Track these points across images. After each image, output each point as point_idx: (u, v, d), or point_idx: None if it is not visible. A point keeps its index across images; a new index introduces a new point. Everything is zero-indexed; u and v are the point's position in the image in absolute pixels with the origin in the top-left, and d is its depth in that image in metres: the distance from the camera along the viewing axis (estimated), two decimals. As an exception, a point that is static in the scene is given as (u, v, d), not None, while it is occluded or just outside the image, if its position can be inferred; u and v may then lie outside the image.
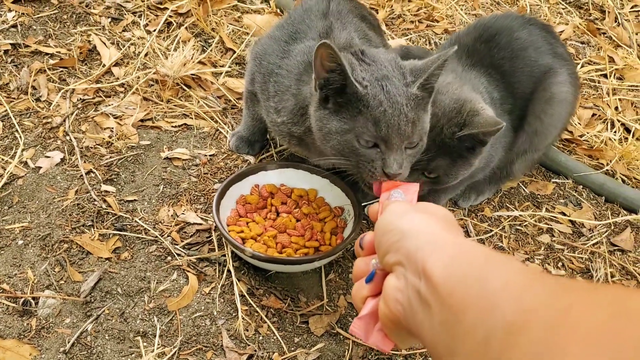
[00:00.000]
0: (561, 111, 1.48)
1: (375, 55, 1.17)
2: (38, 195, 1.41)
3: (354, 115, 1.11)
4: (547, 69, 1.44)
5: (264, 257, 1.22)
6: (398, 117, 1.09)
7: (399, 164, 1.11)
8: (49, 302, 1.20)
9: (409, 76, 1.13)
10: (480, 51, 1.43)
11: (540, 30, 1.49)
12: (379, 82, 1.10)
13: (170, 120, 1.64)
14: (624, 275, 1.47)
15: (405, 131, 1.10)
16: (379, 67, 1.13)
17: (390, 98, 1.09)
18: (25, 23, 1.88)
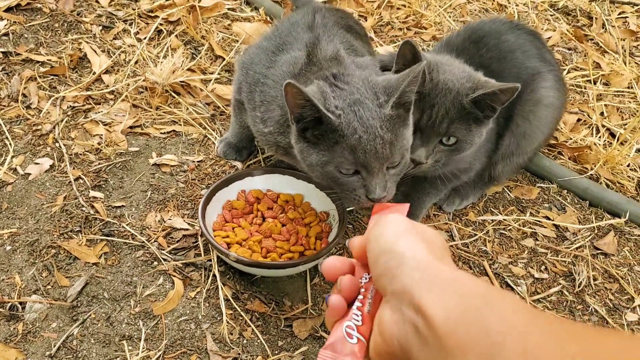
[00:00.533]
0: (548, 115, 1.50)
1: (348, 76, 1.17)
2: (27, 202, 1.43)
3: (331, 146, 1.11)
4: (535, 72, 1.47)
5: (247, 262, 1.24)
6: (374, 142, 1.08)
7: (382, 188, 1.12)
8: (36, 307, 1.22)
9: (382, 96, 1.12)
10: (469, 50, 1.46)
11: (528, 35, 1.52)
12: (352, 107, 1.10)
13: (159, 127, 1.66)
14: (606, 278, 1.48)
15: (384, 154, 1.10)
16: (351, 91, 1.12)
17: (364, 123, 1.08)
18: (16, 31, 1.90)
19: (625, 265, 1.52)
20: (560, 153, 1.81)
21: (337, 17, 1.52)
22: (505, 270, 1.45)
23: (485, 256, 1.48)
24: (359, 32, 1.56)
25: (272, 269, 1.27)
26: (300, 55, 1.31)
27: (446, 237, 1.51)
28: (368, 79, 1.16)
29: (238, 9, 2.18)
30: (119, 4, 2.12)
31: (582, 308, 1.40)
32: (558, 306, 1.40)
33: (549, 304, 1.40)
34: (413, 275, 0.60)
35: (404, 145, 1.15)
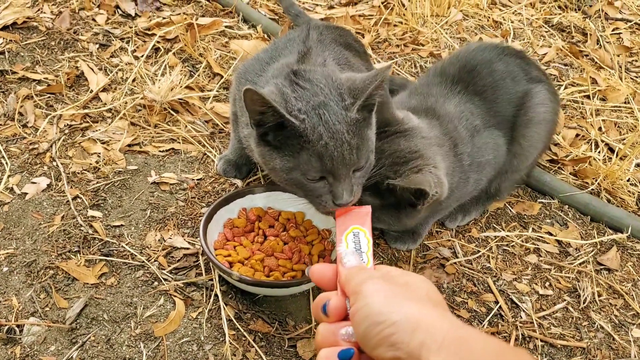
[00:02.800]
0: (540, 131, 1.50)
1: (310, 73, 1.13)
2: (24, 222, 1.41)
3: (296, 152, 1.07)
4: (525, 93, 1.47)
5: (250, 281, 1.22)
6: (341, 148, 1.05)
7: (348, 193, 1.09)
8: (34, 330, 1.19)
9: (347, 98, 1.08)
10: (464, 79, 1.46)
11: (515, 58, 1.52)
12: (316, 110, 1.05)
13: (158, 145, 1.65)
14: (610, 294, 1.47)
15: (351, 160, 1.07)
16: (315, 92, 1.08)
17: (330, 128, 1.05)
18: (12, 50, 1.88)
19: (629, 281, 1.51)
20: (561, 168, 1.81)
21: (335, 34, 1.52)
22: (510, 287, 1.44)
23: (489, 273, 1.47)
24: (357, 50, 1.56)
25: (276, 287, 1.25)
26: (291, 62, 1.30)
27: (449, 253, 1.49)
28: (332, 77, 1.11)
29: (235, 27, 2.17)
30: (115, 22, 2.11)
31: (588, 325, 1.39)
32: (564, 323, 1.38)
33: (554, 320, 1.39)
34: (418, 338, 0.59)
35: (369, 147, 1.12)
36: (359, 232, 0.90)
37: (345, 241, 0.87)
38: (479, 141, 1.39)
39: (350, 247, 0.86)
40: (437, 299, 0.69)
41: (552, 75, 2.23)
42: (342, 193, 1.08)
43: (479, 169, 1.40)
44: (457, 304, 1.38)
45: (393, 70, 2.06)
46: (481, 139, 1.40)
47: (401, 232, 1.47)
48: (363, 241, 0.88)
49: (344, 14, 2.29)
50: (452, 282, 1.43)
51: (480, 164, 1.39)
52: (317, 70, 1.14)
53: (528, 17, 2.55)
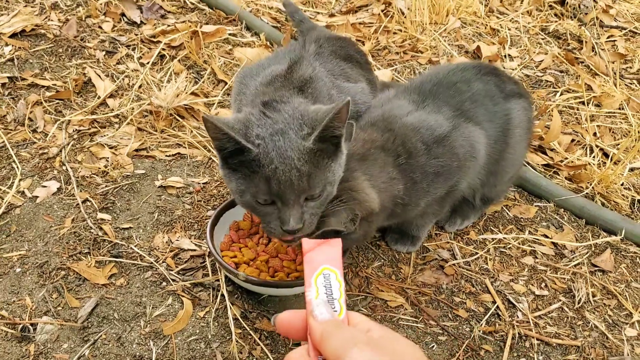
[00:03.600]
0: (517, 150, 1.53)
1: (281, 104, 1.16)
2: (35, 224, 1.45)
3: (249, 175, 1.10)
4: (504, 114, 1.48)
5: (257, 281, 1.26)
6: (289, 173, 1.07)
7: (296, 220, 1.10)
8: (47, 328, 1.23)
9: (306, 128, 1.10)
10: (443, 94, 1.45)
11: (491, 76, 1.52)
12: (272, 137, 1.08)
13: (164, 150, 1.69)
14: (604, 295, 1.52)
15: (300, 185, 1.08)
16: (276, 120, 1.11)
17: (282, 154, 1.07)
18: (22, 57, 1.93)
19: (622, 282, 1.55)
20: (557, 172, 1.85)
21: (335, 46, 1.56)
22: (507, 288, 1.48)
23: (487, 274, 1.51)
24: (359, 61, 1.60)
25: (281, 287, 1.29)
26: (282, 69, 1.34)
27: (448, 255, 1.54)
28: (299, 108, 1.14)
29: (239, 35, 2.22)
30: (121, 30, 2.16)
31: (583, 324, 1.43)
32: (559, 322, 1.43)
33: (550, 320, 1.43)
34: None
35: (327, 178, 1.12)
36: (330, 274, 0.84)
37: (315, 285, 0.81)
38: (437, 150, 1.37)
39: (320, 294, 0.79)
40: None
41: (548, 81, 2.28)
42: (288, 218, 1.10)
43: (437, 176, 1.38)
44: (455, 304, 1.42)
45: (393, 77, 2.11)
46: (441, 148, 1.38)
47: (401, 235, 1.52)
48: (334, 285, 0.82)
49: (344, 22, 2.34)
50: (451, 283, 1.47)
51: (438, 172, 1.37)
52: (290, 102, 1.17)
53: (525, 25, 2.60)
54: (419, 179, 1.34)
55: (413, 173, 1.34)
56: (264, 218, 1.15)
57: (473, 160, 1.43)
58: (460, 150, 1.39)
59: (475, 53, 2.33)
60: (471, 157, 1.41)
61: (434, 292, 1.44)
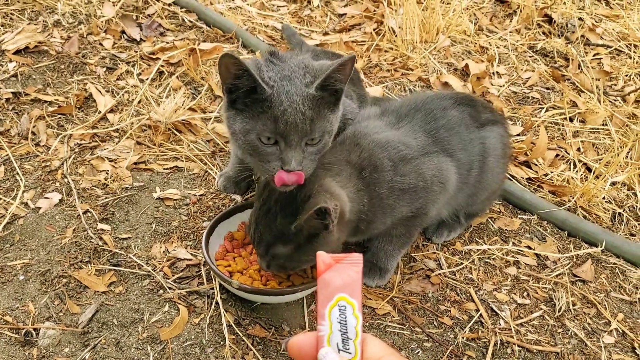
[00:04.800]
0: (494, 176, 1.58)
1: (285, 56, 1.28)
2: (38, 234, 1.51)
3: (256, 115, 1.20)
4: (479, 142, 1.52)
5: (249, 289, 1.32)
6: (295, 115, 1.17)
7: (297, 161, 1.19)
8: (49, 333, 1.29)
9: (309, 76, 1.22)
10: (417, 119, 1.49)
11: (467, 107, 1.55)
12: (282, 81, 1.19)
13: (162, 163, 1.76)
14: (584, 304, 1.58)
15: (303, 128, 1.19)
16: (284, 67, 1.23)
17: (289, 97, 1.18)
18: (25, 73, 2.00)
19: (602, 292, 1.62)
20: (540, 186, 1.92)
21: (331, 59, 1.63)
22: (490, 297, 1.54)
23: (471, 283, 1.57)
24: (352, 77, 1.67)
25: (273, 295, 1.35)
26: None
27: (434, 265, 1.60)
28: (304, 61, 1.26)
29: (235, 52, 2.30)
30: (121, 47, 2.23)
31: (562, 332, 1.49)
32: (540, 330, 1.49)
33: (531, 327, 1.49)
34: None
35: (326, 126, 1.24)
36: (346, 307, 0.73)
37: (329, 319, 0.71)
38: (403, 169, 1.39)
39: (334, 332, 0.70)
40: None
41: (535, 98, 2.36)
42: (290, 159, 1.19)
43: (403, 193, 1.40)
44: (440, 312, 1.48)
45: (384, 94, 2.19)
46: (408, 167, 1.40)
47: (369, 268, 1.52)
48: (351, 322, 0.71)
49: (338, 40, 2.42)
50: (437, 292, 1.53)
51: (404, 190, 1.39)
52: (293, 56, 1.29)
53: (513, 43, 2.69)
54: (385, 195, 1.37)
55: (379, 188, 1.36)
56: (264, 158, 1.22)
57: (441, 187, 1.45)
58: (428, 172, 1.42)
59: (463, 70, 2.41)
60: (439, 182, 1.44)
61: (420, 300, 1.51)
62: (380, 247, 1.52)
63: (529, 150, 2.04)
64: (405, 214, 1.44)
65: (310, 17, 2.65)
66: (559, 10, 2.93)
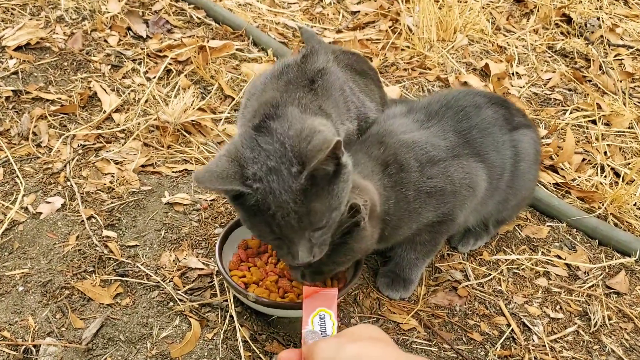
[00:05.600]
0: (526, 180, 1.49)
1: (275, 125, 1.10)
2: (39, 241, 1.41)
3: (252, 215, 1.09)
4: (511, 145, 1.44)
5: (267, 302, 1.22)
6: (288, 217, 1.04)
7: (306, 254, 1.09)
8: (50, 350, 1.19)
9: (295, 165, 1.04)
10: (448, 117, 1.41)
11: (501, 108, 1.47)
12: (268, 177, 1.04)
13: (171, 166, 1.66)
14: (620, 318, 1.48)
15: (300, 226, 1.06)
16: (270, 152, 1.06)
17: (277, 198, 1.04)
18: (26, 70, 1.91)
19: (638, 305, 1.52)
20: (568, 192, 1.83)
21: (351, 60, 1.54)
22: (522, 310, 1.45)
23: (501, 296, 1.48)
24: (372, 78, 1.58)
25: (292, 309, 1.25)
26: (295, 59, 1.30)
27: (461, 276, 1.50)
28: (290, 132, 1.08)
29: (246, 50, 2.20)
30: (127, 44, 2.14)
31: (599, 348, 1.40)
32: (575, 346, 1.39)
33: (566, 344, 1.39)
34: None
35: (331, 205, 1.08)
36: (325, 315, 0.99)
37: (311, 324, 0.97)
38: (430, 171, 1.32)
39: (315, 328, 0.97)
40: (382, 337, 0.82)
41: (557, 100, 2.27)
42: (297, 255, 1.09)
43: (430, 196, 1.32)
44: (469, 327, 1.39)
45: (401, 94, 2.09)
46: (436, 169, 1.33)
47: (392, 279, 1.44)
48: (328, 323, 0.98)
49: (352, 38, 2.33)
50: (465, 305, 1.44)
51: (430, 193, 1.32)
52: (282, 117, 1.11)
53: (532, 43, 2.59)
54: (412, 197, 1.29)
55: (405, 189, 1.28)
56: (275, 248, 1.16)
57: (470, 191, 1.37)
58: (456, 175, 1.34)
59: (483, 70, 2.32)
60: (468, 186, 1.36)
61: (447, 314, 1.41)
62: (403, 255, 1.42)
63: (554, 154, 1.95)
64: (431, 219, 1.34)
65: (322, 14, 2.56)
66: (577, 10, 2.84)
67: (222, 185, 1.04)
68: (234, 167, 1.07)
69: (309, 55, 1.30)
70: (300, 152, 1.05)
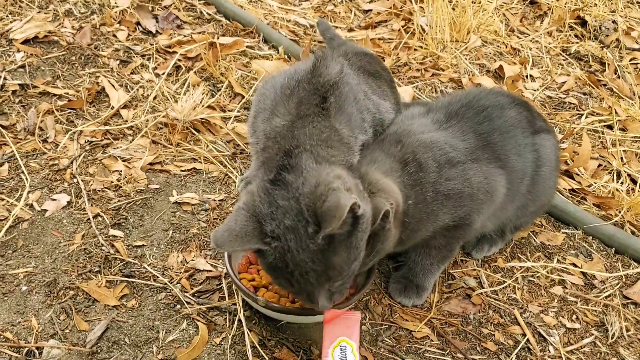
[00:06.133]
0: (546, 185, 1.46)
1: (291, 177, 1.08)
2: (43, 239, 1.38)
3: (271, 269, 1.09)
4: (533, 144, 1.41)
5: (277, 307, 1.19)
6: (307, 275, 1.05)
7: (325, 302, 1.08)
8: (54, 353, 1.15)
9: (312, 225, 1.03)
10: (469, 118, 1.37)
11: (524, 110, 1.44)
12: (285, 235, 1.04)
13: (180, 164, 1.63)
14: (638, 329, 1.44)
15: (319, 282, 1.06)
16: (286, 209, 1.04)
17: (294, 257, 1.04)
18: (33, 64, 1.87)
19: (656, 316, 1.48)
20: (584, 198, 1.78)
21: (364, 61, 1.51)
22: (537, 320, 1.41)
23: (516, 304, 1.44)
24: (385, 78, 1.54)
25: (302, 315, 1.22)
26: (306, 68, 1.27)
27: (475, 283, 1.46)
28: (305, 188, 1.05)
29: (256, 47, 2.17)
30: (136, 39, 2.10)
31: (617, 360, 1.36)
32: (592, 358, 1.35)
33: (582, 355, 1.35)
34: None
35: (349, 258, 1.07)
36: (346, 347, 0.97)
37: (331, 356, 0.94)
38: (449, 173, 1.29)
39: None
40: None
41: (572, 104, 2.22)
42: (317, 303, 1.09)
43: (447, 198, 1.29)
44: (484, 336, 1.35)
45: (414, 95, 2.05)
46: (454, 171, 1.29)
47: (405, 285, 1.40)
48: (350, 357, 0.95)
49: (364, 37, 2.29)
50: (479, 313, 1.40)
51: (448, 195, 1.28)
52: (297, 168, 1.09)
53: (546, 45, 2.55)
54: (430, 199, 1.26)
55: (425, 189, 1.25)
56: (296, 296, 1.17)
57: (487, 196, 1.33)
58: (475, 179, 1.30)
59: (497, 72, 2.28)
60: (486, 191, 1.32)
61: (460, 322, 1.37)
62: (417, 261, 1.38)
63: (570, 159, 1.90)
64: (447, 223, 1.30)
65: (334, 12, 2.52)
66: (592, 13, 2.79)
67: (241, 245, 1.05)
68: (253, 223, 1.06)
69: (320, 65, 1.25)
70: (316, 213, 1.03)
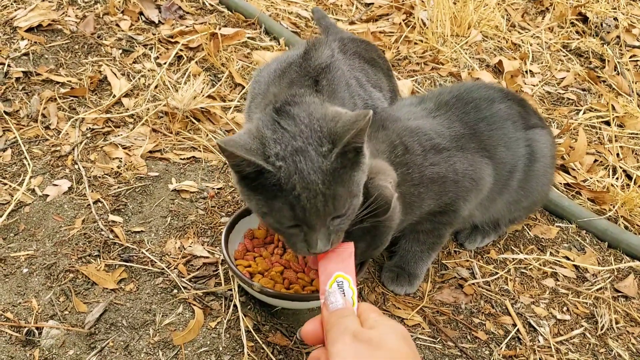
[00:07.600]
0: (540, 180, 1.47)
1: (295, 106, 1.06)
2: (44, 224, 1.41)
3: (270, 199, 1.01)
4: (525, 144, 1.42)
5: (272, 293, 1.21)
6: (315, 199, 0.98)
7: (324, 242, 1.02)
8: (53, 333, 1.18)
9: (325, 143, 1.00)
10: (457, 108, 1.39)
11: (517, 105, 1.46)
12: (293, 157, 0.99)
13: (179, 153, 1.65)
14: (628, 322, 1.46)
15: (326, 211, 1.00)
16: (294, 133, 1.01)
17: (304, 178, 0.98)
18: (37, 52, 1.90)
19: (646, 309, 1.50)
20: (579, 193, 1.80)
21: (360, 48, 1.52)
22: (528, 311, 1.43)
23: (507, 295, 1.46)
24: (381, 67, 1.56)
25: (297, 300, 1.24)
26: (298, 54, 1.27)
27: (467, 274, 1.49)
28: (315, 114, 1.04)
29: (257, 38, 2.19)
30: (139, 29, 2.12)
31: (605, 352, 1.38)
32: (581, 349, 1.38)
33: (572, 346, 1.38)
34: None
35: (352, 192, 1.03)
36: (343, 282, 0.92)
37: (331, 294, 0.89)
38: (433, 158, 1.30)
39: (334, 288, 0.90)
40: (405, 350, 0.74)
41: (570, 99, 2.24)
42: (316, 242, 1.02)
43: (432, 182, 1.30)
44: (474, 325, 1.37)
45: (414, 89, 2.07)
46: (439, 157, 1.31)
47: (397, 273, 1.42)
48: (348, 292, 0.90)
49: (365, 30, 2.30)
50: (470, 303, 1.42)
51: (433, 179, 1.29)
52: (303, 105, 1.07)
53: (546, 41, 2.56)
54: (417, 180, 1.26)
55: (411, 171, 1.25)
56: (289, 239, 1.07)
57: (472, 183, 1.34)
58: (459, 165, 1.31)
59: (496, 67, 2.29)
60: (471, 178, 1.33)
61: (452, 311, 1.40)
62: (408, 248, 1.41)
63: (566, 154, 1.92)
64: (432, 208, 1.32)
65: (336, 5, 2.53)
66: (594, 9, 2.80)
67: (247, 154, 0.97)
68: (257, 143, 1.01)
69: (312, 49, 1.25)
70: (330, 131, 1.01)
